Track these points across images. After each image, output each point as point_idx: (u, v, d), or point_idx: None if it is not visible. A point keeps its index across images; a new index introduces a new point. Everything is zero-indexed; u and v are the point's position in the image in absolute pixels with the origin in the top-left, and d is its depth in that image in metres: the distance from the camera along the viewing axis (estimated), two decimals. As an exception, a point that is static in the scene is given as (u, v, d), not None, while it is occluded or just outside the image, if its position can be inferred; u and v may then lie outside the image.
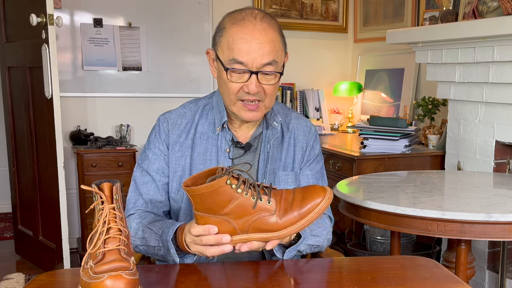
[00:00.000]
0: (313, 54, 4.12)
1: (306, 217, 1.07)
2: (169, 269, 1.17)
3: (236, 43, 1.25)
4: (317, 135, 1.49)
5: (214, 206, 1.06)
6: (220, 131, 1.38)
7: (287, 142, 1.43)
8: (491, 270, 2.52)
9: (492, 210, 1.62)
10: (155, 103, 3.63)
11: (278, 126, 1.40)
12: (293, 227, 1.07)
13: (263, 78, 1.28)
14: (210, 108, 1.42)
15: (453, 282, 1.07)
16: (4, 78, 3.37)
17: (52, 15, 2.71)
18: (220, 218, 1.07)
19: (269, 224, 1.06)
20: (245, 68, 1.26)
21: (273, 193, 1.08)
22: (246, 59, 1.25)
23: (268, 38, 1.26)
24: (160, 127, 1.41)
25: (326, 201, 1.08)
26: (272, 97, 1.32)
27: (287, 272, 1.17)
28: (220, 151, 1.37)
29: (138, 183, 1.40)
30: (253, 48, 1.24)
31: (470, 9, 2.43)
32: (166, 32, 3.70)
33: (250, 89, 1.27)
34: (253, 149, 1.40)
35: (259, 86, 1.27)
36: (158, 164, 1.39)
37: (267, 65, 1.26)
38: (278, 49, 1.29)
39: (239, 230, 1.07)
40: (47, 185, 3.01)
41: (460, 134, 2.68)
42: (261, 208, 1.06)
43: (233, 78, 1.28)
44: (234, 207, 1.05)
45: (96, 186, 1.01)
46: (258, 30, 1.26)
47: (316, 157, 1.46)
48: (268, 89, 1.29)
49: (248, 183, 1.06)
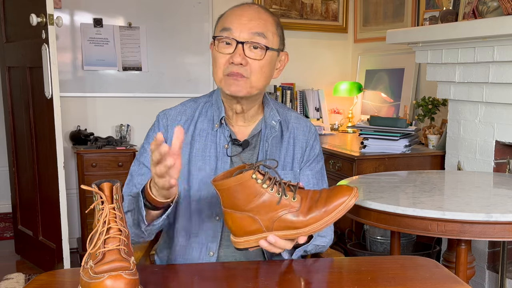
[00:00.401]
0: (313, 54, 4.12)
1: (332, 214, 1.07)
2: (169, 269, 1.17)
3: (229, 16, 1.31)
4: (317, 135, 1.49)
5: (240, 201, 1.07)
6: (219, 127, 1.38)
7: (287, 142, 1.43)
8: (491, 270, 2.52)
9: (492, 210, 1.62)
10: (155, 103, 3.63)
11: (276, 125, 1.40)
12: (318, 224, 1.07)
13: (249, 51, 1.28)
14: (210, 105, 1.43)
15: (453, 282, 1.07)
16: (4, 78, 3.37)
17: (52, 15, 2.71)
18: (245, 215, 1.07)
19: (294, 221, 1.07)
20: (232, 36, 1.27)
21: (298, 191, 1.08)
22: (234, 26, 1.27)
23: (260, 16, 1.30)
24: (160, 122, 1.42)
25: (352, 198, 1.08)
26: (259, 76, 1.30)
27: (287, 272, 1.17)
28: (219, 147, 1.37)
29: (134, 175, 1.39)
30: (243, 21, 1.28)
31: (470, 9, 2.43)
32: (166, 32, 3.70)
33: (234, 59, 1.26)
34: (251, 147, 1.40)
35: (244, 58, 1.27)
36: None
37: (255, 35, 1.27)
38: (270, 29, 1.31)
39: (264, 227, 1.08)
40: (47, 185, 3.01)
41: (460, 134, 2.68)
42: (286, 205, 1.06)
43: (220, 48, 1.29)
44: (260, 203, 1.06)
45: (96, 186, 1.01)
46: (252, 9, 1.31)
47: (316, 157, 1.46)
48: (254, 64, 1.28)
49: (274, 179, 1.07)
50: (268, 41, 1.29)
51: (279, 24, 1.35)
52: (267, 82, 1.35)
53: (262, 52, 1.29)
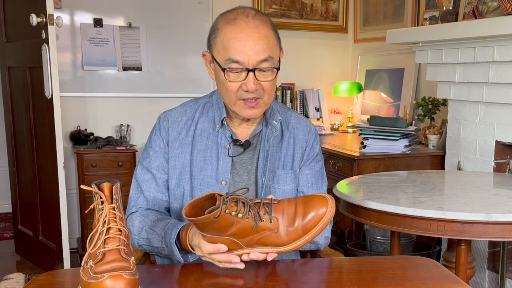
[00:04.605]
0: (313, 54, 4.12)
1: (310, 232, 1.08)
2: (169, 269, 1.17)
3: (231, 43, 1.27)
4: (317, 135, 1.50)
5: (217, 231, 1.08)
6: (220, 128, 1.39)
7: (287, 141, 1.44)
8: (491, 270, 2.52)
9: (492, 210, 1.62)
10: (155, 103, 3.63)
11: (277, 124, 1.41)
12: (298, 242, 1.08)
13: (260, 75, 1.29)
14: (210, 106, 1.44)
15: (453, 282, 1.07)
16: (4, 78, 3.37)
17: (52, 15, 2.71)
18: (225, 238, 1.08)
19: (274, 241, 1.08)
20: (241, 66, 1.27)
21: (274, 209, 1.08)
22: (242, 57, 1.26)
23: (261, 34, 1.28)
24: (161, 125, 1.43)
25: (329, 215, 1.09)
26: (270, 93, 1.33)
27: (287, 272, 1.17)
28: (220, 148, 1.38)
29: (139, 180, 1.41)
30: (248, 47, 1.26)
31: (470, 9, 2.43)
32: (166, 32, 3.70)
33: (249, 87, 1.28)
34: (252, 147, 1.41)
35: (257, 83, 1.29)
36: (158, 161, 1.40)
37: (263, 61, 1.28)
38: (272, 45, 1.30)
39: (245, 246, 1.09)
40: (47, 185, 3.01)
41: (460, 134, 2.68)
42: (263, 228, 1.07)
43: (231, 78, 1.29)
44: (236, 230, 1.07)
45: (96, 186, 1.01)
46: (251, 27, 1.27)
47: (315, 156, 1.47)
48: (266, 86, 1.30)
49: (248, 206, 1.06)
50: (274, 60, 1.31)
51: (274, 28, 1.34)
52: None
53: (273, 73, 1.31)
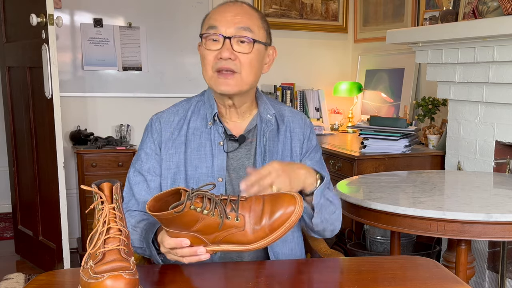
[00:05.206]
0: (313, 54, 4.12)
1: (277, 231, 1.05)
2: (169, 269, 1.17)
3: (213, 14, 1.33)
4: (312, 126, 1.50)
5: (182, 227, 1.05)
6: (212, 124, 1.38)
7: (283, 135, 1.43)
8: (491, 270, 2.52)
9: (492, 210, 1.62)
10: (155, 103, 3.63)
11: (272, 118, 1.41)
12: (264, 241, 1.06)
13: (237, 45, 1.28)
14: (202, 104, 1.44)
15: (453, 282, 1.07)
16: (4, 78, 3.37)
17: (52, 15, 2.71)
18: (190, 234, 1.06)
19: (240, 239, 1.06)
20: (218, 32, 1.28)
21: (241, 206, 1.06)
22: (219, 23, 1.29)
23: (244, 11, 1.31)
24: (153, 126, 1.42)
25: (297, 214, 1.06)
26: (249, 71, 1.31)
27: (287, 272, 1.17)
28: (214, 145, 1.37)
29: (131, 183, 1.41)
30: (228, 16, 1.29)
31: (470, 9, 2.43)
32: (166, 32, 3.70)
33: (223, 54, 1.27)
34: (248, 142, 1.40)
35: (233, 53, 1.28)
36: (149, 164, 1.40)
37: (241, 30, 1.28)
38: (255, 23, 1.32)
39: (210, 243, 1.07)
40: (47, 185, 3.01)
41: (460, 134, 2.68)
42: (229, 226, 1.05)
43: (208, 45, 1.30)
44: (202, 226, 1.05)
45: (96, 186, 1.01)
46: (236, 5, 1.33)
47: (314, 147, 1.47)
48: (244, 59, 1.29)
49: (213, 203, 1.04)
50: (255, 34, 1.30)
51: (264, 18, 1.36)
52: (257, 77, 1.35)
53: (250, 45, 1.29)
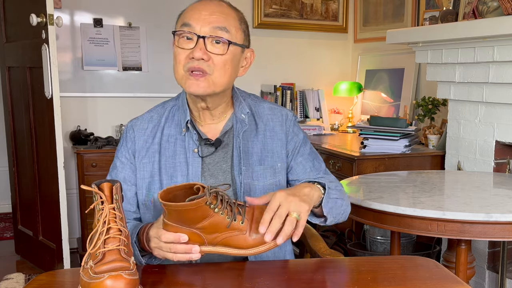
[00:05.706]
0: (313, 54, 4.12)
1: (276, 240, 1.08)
2: (169, 269, 1.17)
3: (188, 11, 1.26)
4: (295, 120, 1.42)
5: (189, 221, 1.07)
6: (186, 131, 1.32)
7: (262, 135, 1.36)
8: (491, 270, 2.52)
9: (492, 210, 1.62)
10: (155, 103, 3.57)
11: (246, 118, 1.34)
12: (261, 248, 1.09)
13: (211, 45, 1.22)
14: (177, 109, 1.38)
15: (453, 282, 1.07)
16: (4, 78, 3.37)
17: (52, 15, 2.71)
18: (190, 230, 1.08)
19: (239, 243, 1.09)
20: (192, 31, 1.21)
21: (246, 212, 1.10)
22: (194, 21, 1.22)
23: (221, 10, 1.25)
24: (127, 134, 1.37)
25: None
26: (222, 73, 1.24)
27: (287, 272, 1.17)
28: (189, 152, 1.31)
29: None
30: (203, 15, 1.23)
31: (470, 9, 2.43)
32: (166, 32, 3.69)
33: (195, 53, 1.20)
34: (224, 145, 1.34)
35: (206, 54, 1.21)
36: (124, 173, 1.34)
37: (217, 30, 1.22)
38: (232, 24, 1.25)
39: (208, 243, 1.10)
40: (47, 185, 3.01)
41: (460, 134, 2.68)
42: (234, 228, 1.08)
43: (180, 43, 1.24)
44: (208, 224, 1.07)
45: (96, 186, 1.01)
46: (213, 3, 1.26)
47: (301, 141, 1.40)
48: (217, 61, 1.22)
49: (226, 203, 1.07)
50: (231, 35, 1.24)
51: (243, 19, 1.30)
52: (231, 80, 1.29)
53: (225, 46, 1.23)
